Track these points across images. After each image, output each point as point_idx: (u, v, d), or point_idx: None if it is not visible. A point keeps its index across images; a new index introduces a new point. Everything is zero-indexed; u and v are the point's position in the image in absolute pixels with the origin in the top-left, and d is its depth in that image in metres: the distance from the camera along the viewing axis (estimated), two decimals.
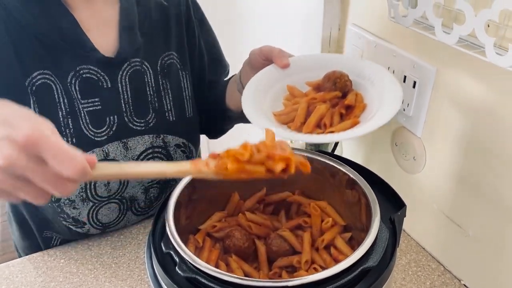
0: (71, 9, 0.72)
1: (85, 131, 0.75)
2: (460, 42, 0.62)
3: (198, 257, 0.49)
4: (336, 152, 0.90)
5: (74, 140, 0.75)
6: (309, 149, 0.92)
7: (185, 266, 0.49)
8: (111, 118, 0.77)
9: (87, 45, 0.73)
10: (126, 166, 0.44)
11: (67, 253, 0.87)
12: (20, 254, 0.96)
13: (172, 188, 0.90)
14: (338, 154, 0.80)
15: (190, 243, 0.63)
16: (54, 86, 0.72)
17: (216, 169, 0.46)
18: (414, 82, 0.76)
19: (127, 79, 0.77)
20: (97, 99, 0.75)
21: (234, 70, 0.98)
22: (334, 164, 0.63)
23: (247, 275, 0.61)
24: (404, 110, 0.80)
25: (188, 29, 0.86)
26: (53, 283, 0.80)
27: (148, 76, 0.80)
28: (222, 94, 0.91)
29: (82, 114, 0.75)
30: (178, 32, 0.84)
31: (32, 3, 0.68)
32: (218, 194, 0.69)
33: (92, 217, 0.83)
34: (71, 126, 0.74)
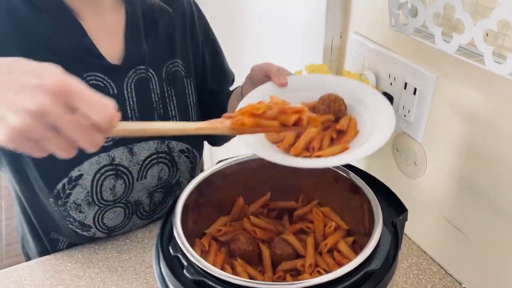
0: (79, 17, 0.73)
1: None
2: (459, 51, 0.64)
3: (205, 260, 0.51)
4: None
5: None
6: None
7: (192, 269, 0.51)
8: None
9: (94, 52, 0.74)
10: (148, 124, 0.47)
11: (74, 256, 0.88)
12: (29, 258, 0.97)
13: (176, 192, 0.93)
14: None
15: (196, 247, 0.64)
16: None
17: (232, 125, 0.49)
18: (415, 89, 0.78)
19: (133, 86, 0.79)
20: None
21: (238, 79, 0.99)
22: (337, 169, 0.65)
23: (252, 278, 0.63)
24: (405, 116, 0.81)
25: (192, 36, 0.88)
26: (60, 286, 0.82)
27: (153, 83, 0.81)
28: (225, 103, 0.92)
29: None
30: (183, 39, 0.86)
31: (42, 13, 0.70)
32: (223, 198, 0.70)
33: (98, 221, 0.85)
34: None
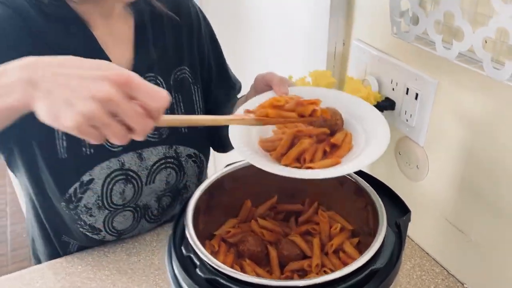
0: (90, 26, 0.76)
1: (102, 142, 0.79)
2: (459, 57, 0.67)
3: None
4: None
5: (92, 150, 0.79)
6: None
7: (205, 268, 0.53)
8: None
9: (105, 60, 0.76)
10: (188, 116, 0.60)
11: (84, 259, 0.90)
12: (39, 261, 0.99)
13: (183, 196, 0.95)
14: None
15: (207, 248, 0.66)
16: None
17: (257, 116, 0.58)
18: (416, 94, 0.80)
19: None
20: None
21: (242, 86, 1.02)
22: None
23: None
24: (407, 120, 0.84)
25: (199, 44, 0.90)
26: None
27: None
28: (230, 111, 0.94)
29: None
30: (190, 47, 0.88)
31: (55, 22, 0.72)
32: (231, 201, 0.72)
33: (107, 224, 0.87)
34: None
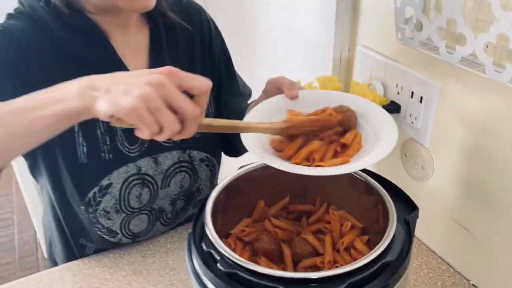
0: (108, 37, 0.79)
1: (120, 148, 0.82)
2: (462, 61, 0.70)
3: None
4: None
5: (111, 155, 0.82)
6: None
7: (225, 262, 0.56)
8: None
9: (123, 68, 0.80)
10: (225, 121, 0.61)
11: (101, 261, 0.93)
12: (55, 263, 1.02)
13: (196, 199, 0.98)
14: None
15: None
16: None
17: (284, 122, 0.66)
18: (421, 97, 0.83)
19: None
20: None
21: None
22: (352, 173, 0.70)
23: None
24: (412, 123, 0.87)
25: (210, 52, 0.93)
26: None
27: None
28: (242, 115, 0.97)
29: (118, 132, 0.82)
30: (202, 55, 0.92)
31: (75, 33, 0.75)
32: (245, 201, 0.75)
33: (124, 227, 0.90)
34: (108, 143, 0.81)
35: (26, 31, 0.74)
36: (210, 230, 0.60)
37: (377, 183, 0.67)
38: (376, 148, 0.63)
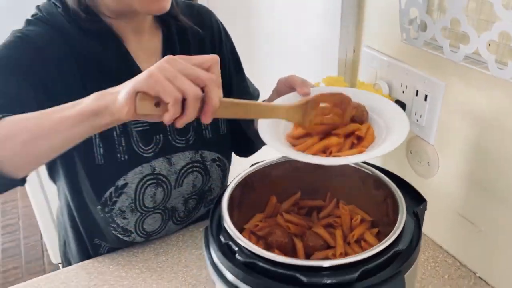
0: (123, 41, 0.82)
1: (135, 149, 0.85)
2: (466, 59, 0.73)
3: None
4: None
5: (126, 156, 0.84)
6: None
7: (243, 253, 0.58)
8: (157, 137, 0.87)
9: (137, 72, 0.82)
10: (243, 102, 0.63)
11: (115, 259, 0.95)
12: (69, 264, 1.04)
13: (207, 199, 1.00)
14: None
15: None
16: None
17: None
18: (426, 96, 0.86)
19: None
20: (145, 121, 0.85)
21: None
22: (361, 168, 0.73)
23: None
24: (417, 121, 0.89)
25: (220, 53, 0.96)
26: (106, 286, 0.89)
27: None
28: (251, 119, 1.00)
29: (133, 133, 0.84)
30: None
31: (92, 37, 0.78)
32: (258, 197, 0.78)
33: (138, 226, 0.92)
34: (124, 144, 0.84)
35: (45, 37, 0.77)
36: (228, 223, 0.62)
37: (386, 177, 0.70)
38: (389, 137, 0.66)
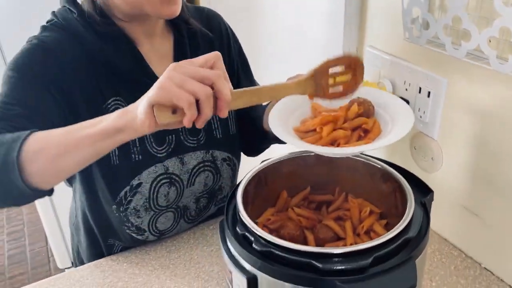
0: (136, 43, 0.85)
1: (149, 149, 0.87)
2: (467, 56, 0.76)
3: None
4: None
5: (141, 156, 0.87)
6: None
7: (259, 243, 0.61)
8: (170, 137, 0.90)
9: (150, 74, 0.85)
10: (252, 89, 0.66)
11: (128, 257, 0.97)
12: (78, 264, 1.07)
13: (218, 197, 1.03)
14: None
15: None
16: None
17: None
18: (429, 92, 0.89)
19: None
20: None
21: None
22: (369, 161, 0.76)
23: None
24: (420, 117, 0.92)
25: (229, 56, 0.99)
26: (120, 283, 0.91)
27: None
28: (259, 116, 1.02)
29: (147, 135, 0.87)
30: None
31: (105, 40, 0.81)
32: (269, 192, 0.80)
33: (151, 225, 0.94)
34: (138, 145, 0.86)
35: (61, 42, 0.80)
36: (243, 215, 0.65)
37: (393, 170, 0.72)
38: (395, 129, 0.69)
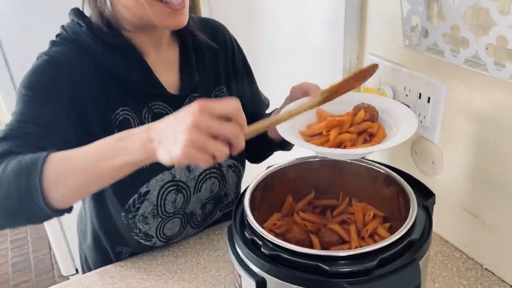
0: (143, 54, 0.87)
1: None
2: (466, 62, 0.78)
3: None
4: None
5: (148, 165, 0.88)
6: None
7: (267, 246, 0.63)
8: None
9: (158, 85, 0.87)
10: (265, 121, 0.66)
11: (136, 263, 0.99)
12: (86, 270, 1.08)
13: (223, 203, 1.05)
14: None
15: None
16: (132, 120, 0.86)
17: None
18: (429, 98, 0.91)
19: None
20: None
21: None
22: (372, 166, 0.78)
23: None
24: (421, 122, 0.94)
25: (233, 66, 1.02)
26: None
27: None
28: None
29: None
30: (226, 69, 1.00)
31: (114, 51, 0.83)
32: (274, 197, 0.83)
33: (159, 231, 0.96)
34: None
35: (70, 56, 0.82)
36: (251, 220, 0.67)
37: (396, 174, 0.75)
38: (399, 133, 0.71)
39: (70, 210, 0.72)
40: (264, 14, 1.53)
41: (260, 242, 0.64)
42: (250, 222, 0.67)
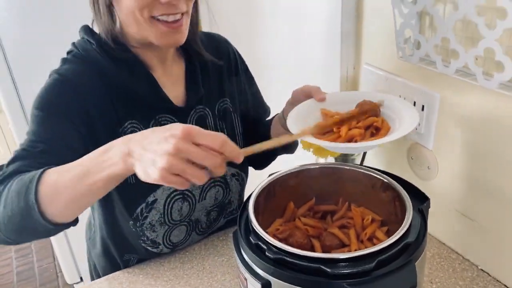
0: (149, 68, 0.91)
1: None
2: (457, 72, 0.82)
3: None
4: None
5: None
6: (339, 159, 1.10)
7: (272, 251, 0.66)
8: None
9: (164, 98, 0.91)
10: (260, 145, 0.67)
11: (144, 270, 1.03)
12: (95, 276, 1.12)
13: (227, 210, 1.08)
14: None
15: None
16: None
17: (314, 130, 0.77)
18: (423, 106, 0.95)
19: (194, 123, 0.95)
20: None
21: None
22: (369, 173, 0.82)
23: None
24: (416, 129, 0.98)
25: (237, 79, 1.06)
26: None
27: (209, 119, 0.98)
28: (266, 131, 1.09)
29: None
30: (229, 82, 1.04)
31: (122, 66, 0.87)
32: (277, 203, 0.86)
33: (166, 238, 1.00)
34: None
35: (80, 72, 0.86)
36: (256, 225, 0.70)
37: (392, 180, 0.78)
38: (403, 125, 0.76)
39: (75, 222, 0.75)
40: (262, 26, 1.58)
41: (264, 247, 0.67)
42: (255, 227, 0.70)
